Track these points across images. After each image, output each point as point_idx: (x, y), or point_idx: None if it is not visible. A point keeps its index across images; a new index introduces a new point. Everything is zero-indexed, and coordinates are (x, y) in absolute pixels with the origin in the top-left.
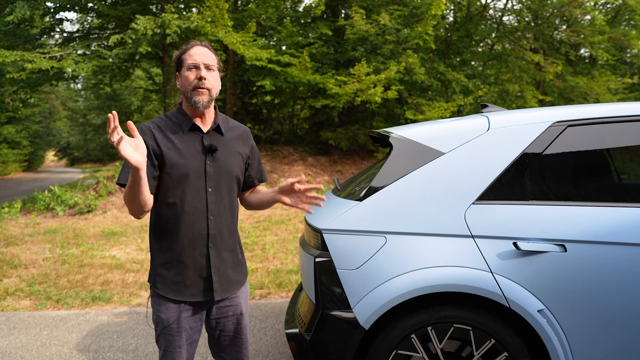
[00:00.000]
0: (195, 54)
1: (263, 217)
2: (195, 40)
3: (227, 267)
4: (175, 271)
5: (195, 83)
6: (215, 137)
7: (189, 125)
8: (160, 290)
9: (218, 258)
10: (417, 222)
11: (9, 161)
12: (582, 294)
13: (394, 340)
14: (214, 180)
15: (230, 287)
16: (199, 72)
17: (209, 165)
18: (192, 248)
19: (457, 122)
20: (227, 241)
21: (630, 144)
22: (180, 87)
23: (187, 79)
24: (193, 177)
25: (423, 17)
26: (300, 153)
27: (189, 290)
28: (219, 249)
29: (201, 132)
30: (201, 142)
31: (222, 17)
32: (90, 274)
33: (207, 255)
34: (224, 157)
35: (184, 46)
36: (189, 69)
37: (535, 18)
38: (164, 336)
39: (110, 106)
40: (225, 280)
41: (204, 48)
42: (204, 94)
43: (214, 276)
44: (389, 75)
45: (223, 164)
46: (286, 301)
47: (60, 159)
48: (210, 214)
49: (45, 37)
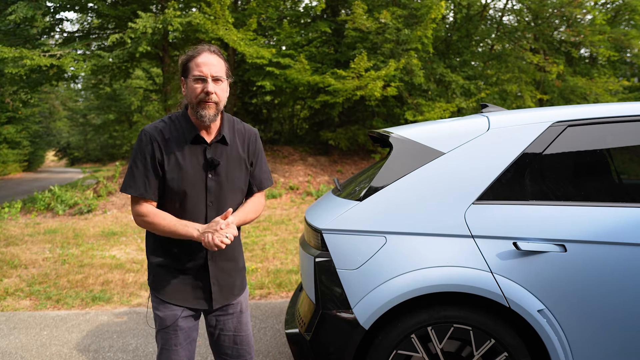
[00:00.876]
0: (203, 63)
1: (263, 217)
2: (204, 46)
3: (226, 276)
4: (174, 279)
5: (202, 97)
6: (219, 148)
7: (193, 136)
8: (159, 294)
9: (217, 268)
10: (417, 222)
11: (9, 161)
12: (582, 294)
13: (394, 340)
14: (214, 194)
15: (230, 295)
16: (206, 85)
17: (210, 180)
18: (191, 259)
19: (457, 122)
20: (227, 252)
21: (630, 144)
22: (186, 96)
23: (193, 90)
24: (193, 190)
25: (423, 20)
26: (300, 153)
27: (187, 298)
28: (218, 260)
29: (205, 143)
30: (204, 154)
31: (223, 14)
32: (90, 274)
33: (206, 266)
34: (227, 170)
35: (191, 52)
36: (196, 81)
37: (535, 18)
38: (162, 334)
39: (110, 106)
40: (225, 289)
41: (213, 56)
42: (211, 108)
43: (213, 287)
44: (388, 73)
45: (225, 177)
46: (286, 301)
47: (60, 159)
48: None
49: (45, 37)
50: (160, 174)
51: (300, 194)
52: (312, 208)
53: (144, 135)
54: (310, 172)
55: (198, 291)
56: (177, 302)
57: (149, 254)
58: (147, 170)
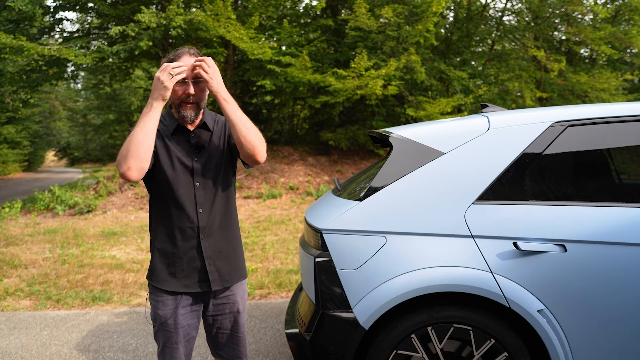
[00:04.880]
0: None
1: (263, 217)
2: (184, 49)
3: (222, 258)
4: (169, 262)
5: (184, 98)
6: (202, 133)
7: (175, 125)
8: (155, 282)
9: (211, 249)
10: (417, 222)
11: (9, 161)
12: (582, 294)
13: (394, 340)
14: (201, 175)
15: (228, 278)
16: (187, 87)
17: (196, 162)
18: (184, 240)
19: (457, 122)
20: (221, 233)
21: (630, 144)
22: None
23: (174, 92)
24: (181, 173)
25: (423, 16)
26: (300, 153)
27: (182, 282)
28: (211, 241)
29: (188, 131)
30: (188, 140)
31: (225, 10)
32: (90, 274)
33: (199, 246)
34: (211, 152)
35: (172, 55)
36: (177, 83)
37: (535, 18)
38: (162, 332)
39: (110, 106)
40: (222, 270)
41: (192, 58)
42: (192, 108)
43: (209, 267)
44: (388, 72)
45: (210, 159)
46: (286, 301)
47: (60, 159)
48: (200, 207)
49: (45, 37)
50: (152, 161)
51: (300, 194)
52: (312, 208)
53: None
54: (310, 172)
55: (194, 274)
56: (172, 287)
57: (151, 244)
58: None
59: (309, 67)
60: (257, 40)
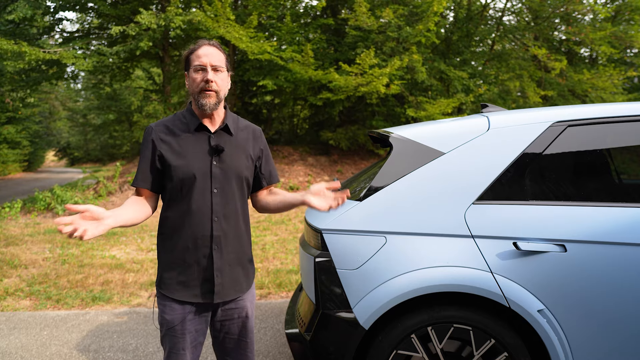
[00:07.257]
0: (203, 54)
1: (263, 217)
2: (204, 40)
3: (231, 269)
4: (179, 271)
5: (202, 85)
6: (223, 137)
7: (196, 125)
8: (165, 291)
9: (222, 260)
10: (417, 222)
11: (9, 161)
12: (582, 294)
13: (394, 340)
14: (219, 182)
15: (232, 291)
16: (205, 74)
17: (215, 166)
18: (195, 249)
19: (457, 122)
20: (233, 243)
21: (630, 144)
22: (189, 88)
23: (194, 80)
24: (198, 178)
25: (424, 16)
26: (300, 153)
27: (192, 291)
28: (223, 251)
29: (209, 132)
30: (208, 142)
31: (224, 11)
32: (90, 274)
33: (211, 256)
34: (231, 157)
35: (192, 46)
36: (196, 71)
37: (535, 18)
38: (169, 337)
39: (110, 106)
40: (228, 283)
41: (212, 48)
42: (212, 97)
43: (216, 279)
44: (391, 71)
45: (230, 165)
46: (286, 301)
47: (60, 159)
48: (215, 216)
49: (45, 37)
50: (159, 167)
51: None
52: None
53: (146, 132)
54: (310, 172)
55: (203, 284)
56: (182, 297)
57: (159, 250)
58: (145, 163)
59: (312, 62)
60: (257, 39)
